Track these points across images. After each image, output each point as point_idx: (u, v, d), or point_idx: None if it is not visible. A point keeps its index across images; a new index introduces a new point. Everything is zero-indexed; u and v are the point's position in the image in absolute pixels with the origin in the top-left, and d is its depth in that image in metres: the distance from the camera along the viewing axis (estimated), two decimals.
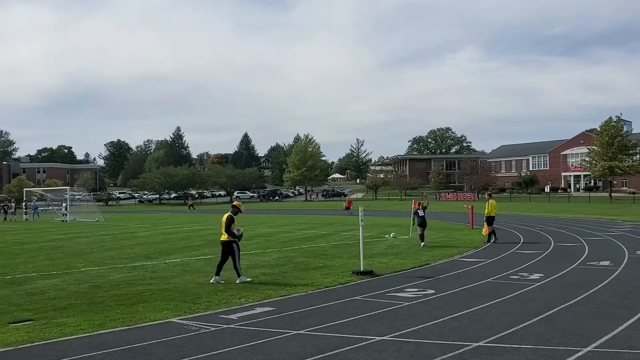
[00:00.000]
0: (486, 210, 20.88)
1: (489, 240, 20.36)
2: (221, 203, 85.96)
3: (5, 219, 45.85)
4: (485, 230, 20.84)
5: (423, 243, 19.18)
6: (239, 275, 12.33)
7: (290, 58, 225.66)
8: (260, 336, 7.68)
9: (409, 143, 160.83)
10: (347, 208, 47.36)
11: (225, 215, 12.46)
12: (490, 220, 20.70)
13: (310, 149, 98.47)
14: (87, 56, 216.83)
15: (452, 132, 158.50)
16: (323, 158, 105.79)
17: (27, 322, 8.72)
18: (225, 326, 8.31)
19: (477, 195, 77.29)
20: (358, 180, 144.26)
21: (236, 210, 12.78)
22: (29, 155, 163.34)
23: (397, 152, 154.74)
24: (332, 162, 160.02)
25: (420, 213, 19.72)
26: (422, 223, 19.50)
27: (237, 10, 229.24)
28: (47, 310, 9.64)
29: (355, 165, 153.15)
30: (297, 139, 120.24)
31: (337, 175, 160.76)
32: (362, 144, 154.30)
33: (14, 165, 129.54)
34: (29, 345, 7.47)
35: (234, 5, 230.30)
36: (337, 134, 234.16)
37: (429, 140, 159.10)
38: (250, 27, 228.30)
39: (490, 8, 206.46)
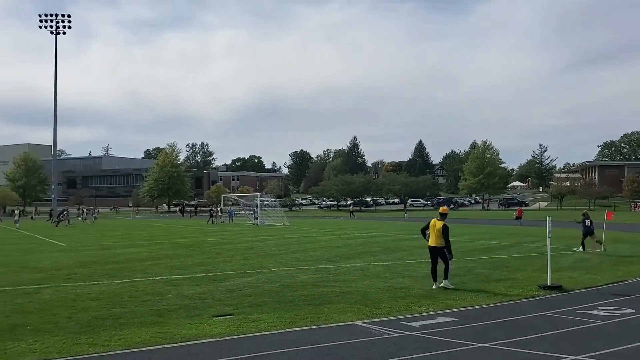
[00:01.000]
0: None
1: None
2: (394, 210, 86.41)
3: (209, 222, 50.42)
4: None
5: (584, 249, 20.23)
6: (445, 278, 12.54)
7: (467, 64, 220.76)
8: (443, 346, 7.66)
9: (599, 148, 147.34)
10: (518, 217, 44.73)
11: (441, 224, 12.72)
12: None
13: (488, 156, 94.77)
14: (276, 73, 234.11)
15: None
16: (502, 165, 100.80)
17: (228, 317, 9.65)
18: (408, 333, 8.42)
19: None
20: (541, 189, 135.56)
21: (445, 216, 13.00)
22: (225, 164, 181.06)
23: (585, 158, 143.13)
24: (512, 170, 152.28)
25: (587, 223, 20.66)
26: (588, 232, 20.66)
27: (415, 20, 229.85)
28: (244, 306, 10.59)
29: (537, 172, 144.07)
30: (473, 145, 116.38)
31: (517, 183, 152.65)
32: (545, 150, 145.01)
33: (212, 174, 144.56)
34: (230, 337, 8.26)
35: (411, 15, 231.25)
36: (517, 140, 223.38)
37: (622, 145, 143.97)
38: (426, 36, 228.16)
39: None
